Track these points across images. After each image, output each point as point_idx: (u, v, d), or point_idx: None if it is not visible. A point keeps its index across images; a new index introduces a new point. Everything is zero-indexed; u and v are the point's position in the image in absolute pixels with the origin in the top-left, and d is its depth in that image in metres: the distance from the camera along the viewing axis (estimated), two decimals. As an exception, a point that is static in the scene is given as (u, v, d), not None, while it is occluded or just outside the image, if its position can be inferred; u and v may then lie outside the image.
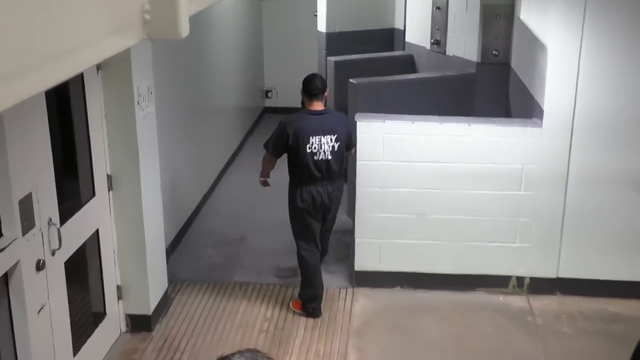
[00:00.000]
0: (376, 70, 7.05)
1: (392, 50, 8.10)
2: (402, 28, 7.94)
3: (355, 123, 5.34)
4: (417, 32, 7.45)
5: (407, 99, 6.34)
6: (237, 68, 8.71)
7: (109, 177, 4.59)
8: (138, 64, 4.49)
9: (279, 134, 4.92)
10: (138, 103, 4.53)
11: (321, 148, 4.89)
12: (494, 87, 6.36)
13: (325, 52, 7.99)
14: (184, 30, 0.97)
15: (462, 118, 5.40)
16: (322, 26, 8.10)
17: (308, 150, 4.87)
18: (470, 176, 5.30)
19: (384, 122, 5.28)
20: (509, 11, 6.24)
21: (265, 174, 5.21)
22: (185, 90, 6.41)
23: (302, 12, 10.00)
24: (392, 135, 5.28)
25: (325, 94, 4.97)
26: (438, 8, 6.91)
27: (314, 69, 8.57)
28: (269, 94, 10.37)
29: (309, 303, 5.17)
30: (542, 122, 5.12)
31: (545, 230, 5.35)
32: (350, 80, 6.32)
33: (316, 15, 8.29)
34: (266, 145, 5.01)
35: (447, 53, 6.85)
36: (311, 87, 4.89)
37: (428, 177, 5.31)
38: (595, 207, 5.29)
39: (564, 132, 5.13)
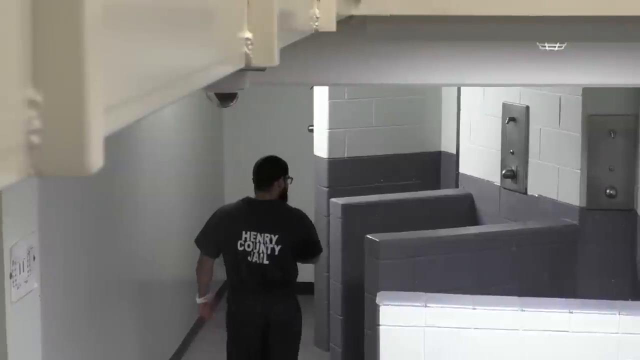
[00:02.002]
0: (410, 220, 7.10)
1: (438, 187, 8.21)
2: (453, 152, 8.06)
3: (377, 307, 5.30)
4: (478, 158, 7.57)
5: (463, 267, 6.33)
6: (182, 215, 8.76)
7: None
8: (13, 211, 4.50)
9: (208, 223, 6.24)
10: (11, 276, 4.50)
11: (255, 248, 5.99)
12: (609, 247, 6.38)
13: (326, 189, 8.07)
14: (96, 160, 0.96)
15: (559, 300, 5.38)
16: (321, 149, 8.20)
17: (240, 248, 6.02)
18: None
19: (426, 306, 5.26)
20: (631, 125, 6.36)
21: (203, 289, 6.33)
22: (95, 252, 6.40)
23: (287, 126, 10.14)
24: (439, 330, 5.24)
25: (280, 185, 6.16)
26: (512, 119, 7.04)
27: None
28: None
29: None
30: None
31: None
32: (368, 236, 6.35)
33: (312, 130, 8.41)
34: (197, 240, 6.28)
35: (529, 192, 6.93)
36: (253, 173, 6.23)
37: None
38: None
39: None
